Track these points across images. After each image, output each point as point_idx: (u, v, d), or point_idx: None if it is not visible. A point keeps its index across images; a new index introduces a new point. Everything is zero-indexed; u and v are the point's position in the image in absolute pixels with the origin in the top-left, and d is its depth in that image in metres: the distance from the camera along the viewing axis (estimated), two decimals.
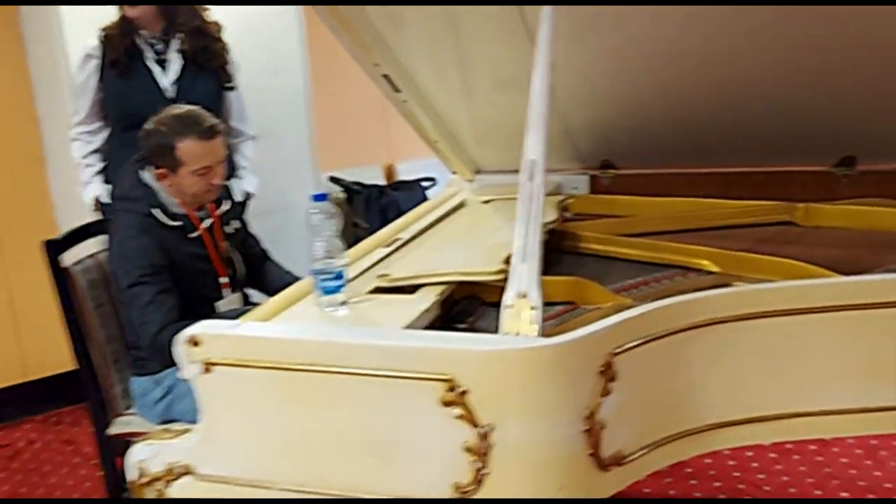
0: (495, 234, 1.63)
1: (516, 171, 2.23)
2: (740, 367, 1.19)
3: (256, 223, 2.22)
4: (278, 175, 2.69)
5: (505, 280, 1.30)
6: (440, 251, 1.56)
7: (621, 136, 2.05)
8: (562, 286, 1.44)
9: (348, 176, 3.26)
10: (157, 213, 1.73)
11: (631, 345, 1.08)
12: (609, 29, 1.62)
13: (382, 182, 3.47)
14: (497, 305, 1.48)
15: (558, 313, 1.40)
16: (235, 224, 1.91)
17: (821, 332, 1.20)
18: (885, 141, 1.85)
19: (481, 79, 1.87)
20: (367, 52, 1.60)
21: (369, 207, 3.07)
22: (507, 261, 1.39)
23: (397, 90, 1.73)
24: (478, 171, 2.24)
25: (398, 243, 1.67)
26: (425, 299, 1.25)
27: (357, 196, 3.17)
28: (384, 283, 1.33)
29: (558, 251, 1.78)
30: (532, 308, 1.05)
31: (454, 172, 2.27)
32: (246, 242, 1.98)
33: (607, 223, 1.87)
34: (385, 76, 1.67)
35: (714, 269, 1.55)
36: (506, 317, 1.06)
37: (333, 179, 3.18)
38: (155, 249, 1.72)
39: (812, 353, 1.21)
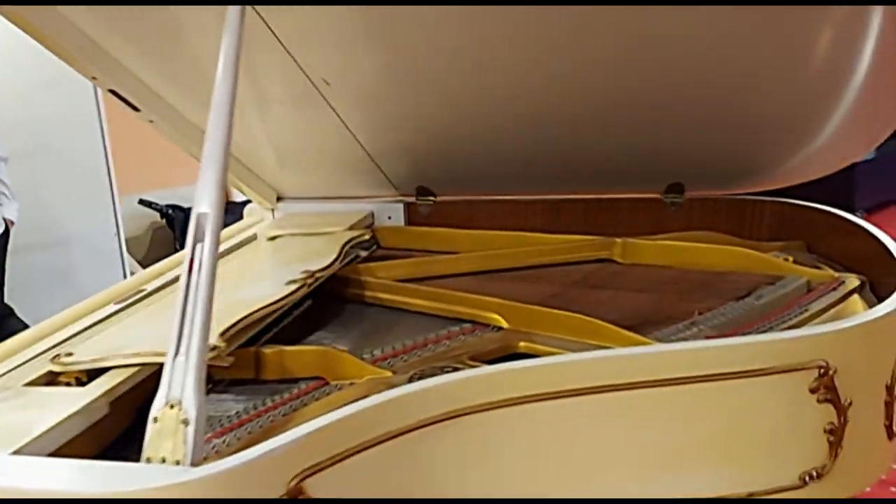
0: (250, 287, 1.34)
1: (324, 198, 1.99)
2: (491, 468, 0.95)
3: (29, 260, 1.86)
4: (61, 201, 2.31)
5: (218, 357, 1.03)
6: (162, 315, 1.25)
7: (434, 160, 1.81)
8: (308, 358, 1.17)
9: (168, 197, 2.90)
10: None
11: (333, 459, 0.82)
12: (383, 42, 1.37)
13: None
14: (238, 383, 1.20)
15: (300, 393, 1.12)
16: None
17: (596, 417, 0.98)
18: (711, 167, 1.69)
19: (274, 94, 1.59)
20: (75, 62, 1.28)
21: (185, 233, 2.72)
22: (228, 330, 1.11)
23: (135, 108, 1.42)
24: (281, 198, 1.96)
25: (135, 298, 1.36)
26: (90, 393, 0.94)
27: (175, 221, 2.81)
28: (58, 369, 1.02)
29: (343, 300, 1.51)
30: (184, 422, 0.76)
31: (248, 201, 1.98)
32: None
33: (406, 264, 1.62)
34: (112, 91, 1.36)
35: (504, 324, 1.31)
36: (148, 436, 0.77)
37: (144, 202, 2.81)
38: None
39: (585, 444, 0.98)
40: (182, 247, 2.76)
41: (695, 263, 1.57)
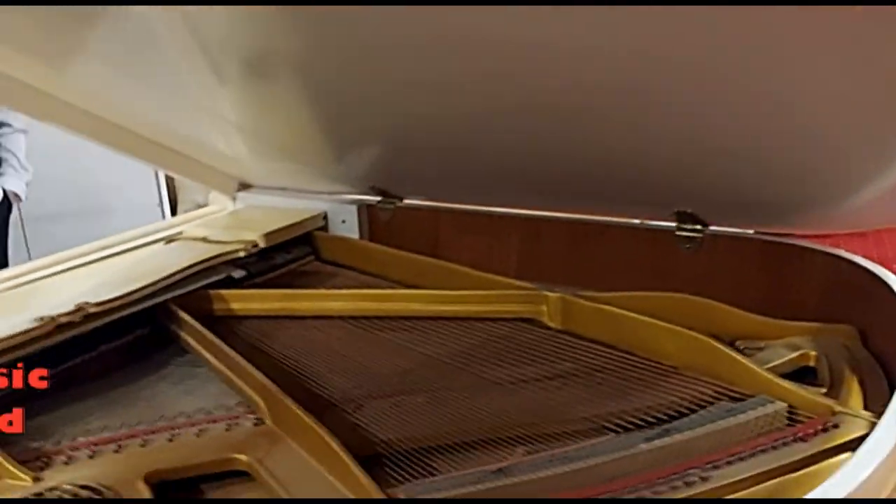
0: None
1: (281, 189, 1.67)
2: None
3: (53, 231, 1.79)
4: (92, 172, 2.26)
5: None
6: None
7: (400, 156, 1.41)
8: None
9: None
10: None
11: None
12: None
13: None
14: None
15: None
16: None
17: None
18: (738, 193, 1.13)
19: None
20: None
21: None
22: None
23: None
24: (247, 187, 1.70)
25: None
26: None
27: None
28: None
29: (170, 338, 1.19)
30: None
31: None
32: None
33: (272, 296, 1.25)
34: None
35: (267, 418, 0.92)
36: None
37: None
38: None
39: None
40: None
41: (644, 347, 1.02)
